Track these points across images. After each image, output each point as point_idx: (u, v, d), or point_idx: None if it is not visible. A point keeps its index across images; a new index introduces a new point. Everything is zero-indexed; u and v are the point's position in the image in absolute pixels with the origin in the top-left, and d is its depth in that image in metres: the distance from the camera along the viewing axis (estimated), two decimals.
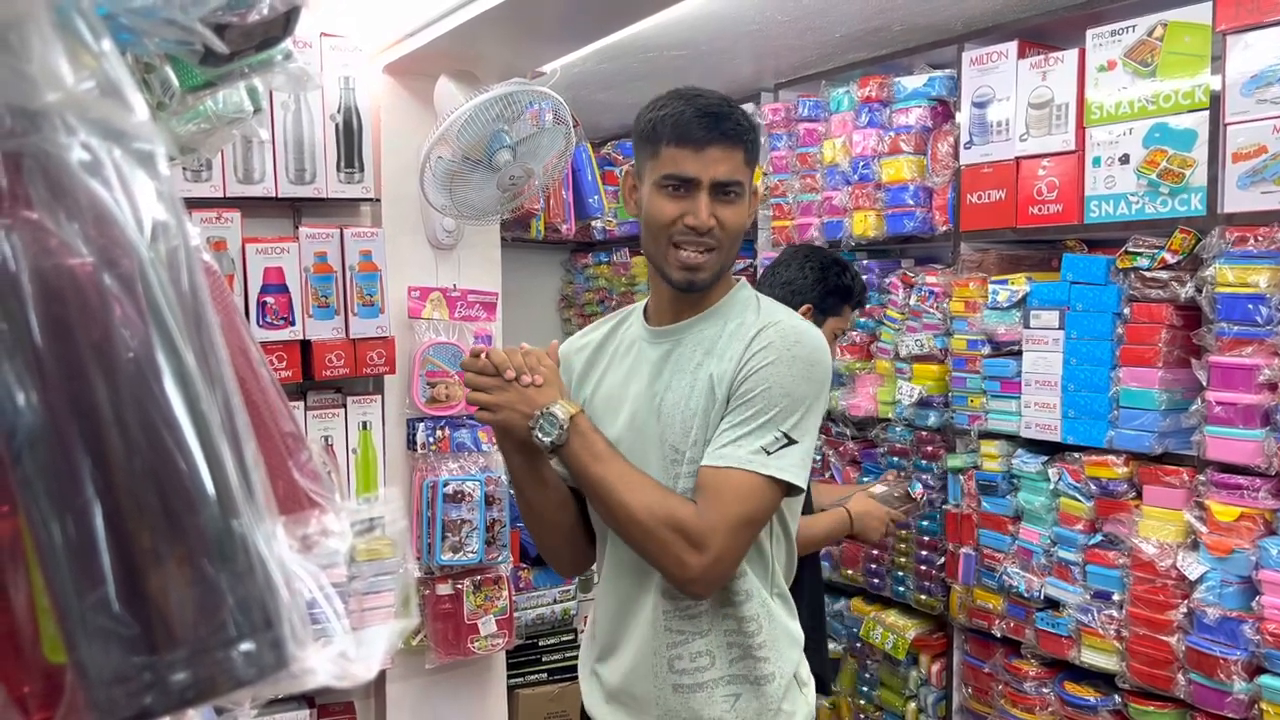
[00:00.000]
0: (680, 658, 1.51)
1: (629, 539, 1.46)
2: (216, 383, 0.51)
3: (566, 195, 3.55)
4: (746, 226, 1.52)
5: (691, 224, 1.44)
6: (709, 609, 1.49)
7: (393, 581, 0.62)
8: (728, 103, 1.47)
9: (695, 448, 1.46)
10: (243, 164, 2.46)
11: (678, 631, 1.51)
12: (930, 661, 3.05)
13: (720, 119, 1.43)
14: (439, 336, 2.68)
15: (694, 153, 1.43)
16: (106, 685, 0.44)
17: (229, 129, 0.95)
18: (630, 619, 1.54)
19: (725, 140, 1.43)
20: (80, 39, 0.49)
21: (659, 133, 1.45)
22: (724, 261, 1.50)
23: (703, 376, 1.48)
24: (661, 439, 1.49)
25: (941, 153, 2.95)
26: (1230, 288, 2.19)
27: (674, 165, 1.44)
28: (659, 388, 1.51)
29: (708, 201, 1.43)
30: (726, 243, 1.47)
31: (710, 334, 1.52)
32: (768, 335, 1.46)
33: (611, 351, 1.61)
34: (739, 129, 1.45)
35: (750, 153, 1.49)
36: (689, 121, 1.43)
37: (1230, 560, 2.20)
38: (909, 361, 3.02)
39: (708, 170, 1.43)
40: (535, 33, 2.42)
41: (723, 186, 1.44)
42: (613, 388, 1.57)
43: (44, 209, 0.46)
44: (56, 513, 0.45)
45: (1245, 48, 2.19)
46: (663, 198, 1.46)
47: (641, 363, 1.55)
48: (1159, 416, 2.36)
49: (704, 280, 1.48)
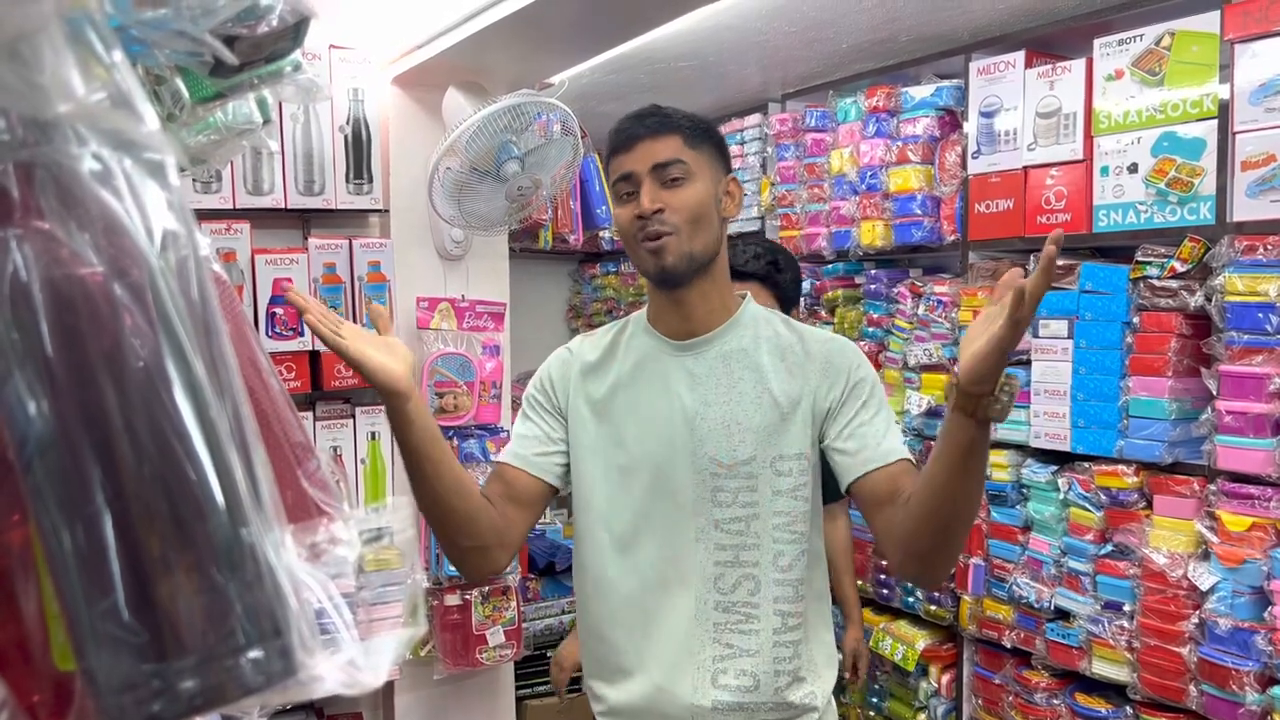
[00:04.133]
0: (725, 672, 1.47)
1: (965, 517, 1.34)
2: (225, 392, 0.51)
3: (574, 206, 3.56)
4: (707, 209, 1.49)
5: (637, 213, 1.47)
6: (764, 627, 1.47)
7: (401, 591, 0.62)
8: (657, 106, 1.53)
9: (750, 463, 1.47)
10: (252, 175, 2.47)
11: (727, 645, 1.48)
12: (940, 672, 3.03)
13: (644, 116, 1.50)
14: (447, 347, 2.68)
15: (628, 152, 1.49)
16: (116, 693, 0.44)
17: (238, 140, 0.95)
18: (659, 633, 1.50)
19: (652, 132, 1.48)
20: (92, 50, 0.50)
21: (606, 155, 1.55)
22: (689, 245, 1.47)
23: (749, 392, 1.49)
24: (695, 452, 1.48)
25: (949, 162, 2.95)
26: (1240, 296, 2.18)
27: (617, 170, 1.51)
28: (691, 402, 1.50)
29: (650, 188, 1.47)
30: (681, 223, 1.46)
31: (738, 346, 1.52)
32: (838, 345, 1.54)
33: (620, 361, 1.58)
34: (667, 120, 1.49)
35: (693, 136, 1.50)
36: (619, 129, 1.52)
37: (1242, 570, 2.19)
38: (917, 371, 3.02)
39: (642, 161, 1.48)
40: (543, 44, 2.43)
41: (661, 169, 1.47)
42: (635, 401, 1.54)
43: (55, 219, 0.46)
44: (67, 521, 0.45)
45: (1253, 57, 2.19)
46: (619, 206, 1.52)
47: (664, 376, 1.53)
48: (1169, 426, 2.35)
49: (673, 264, 1.46)
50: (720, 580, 1.48)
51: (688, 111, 1.53)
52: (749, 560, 1.48)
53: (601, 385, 1.57)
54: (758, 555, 1.47)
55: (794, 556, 1.48)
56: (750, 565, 1.48)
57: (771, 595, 1.47)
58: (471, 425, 2.71)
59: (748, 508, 1.47)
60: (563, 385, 1.60)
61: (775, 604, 1.48)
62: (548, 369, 1.63)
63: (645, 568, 1.50)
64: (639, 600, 1.51)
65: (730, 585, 1.48)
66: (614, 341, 1.61)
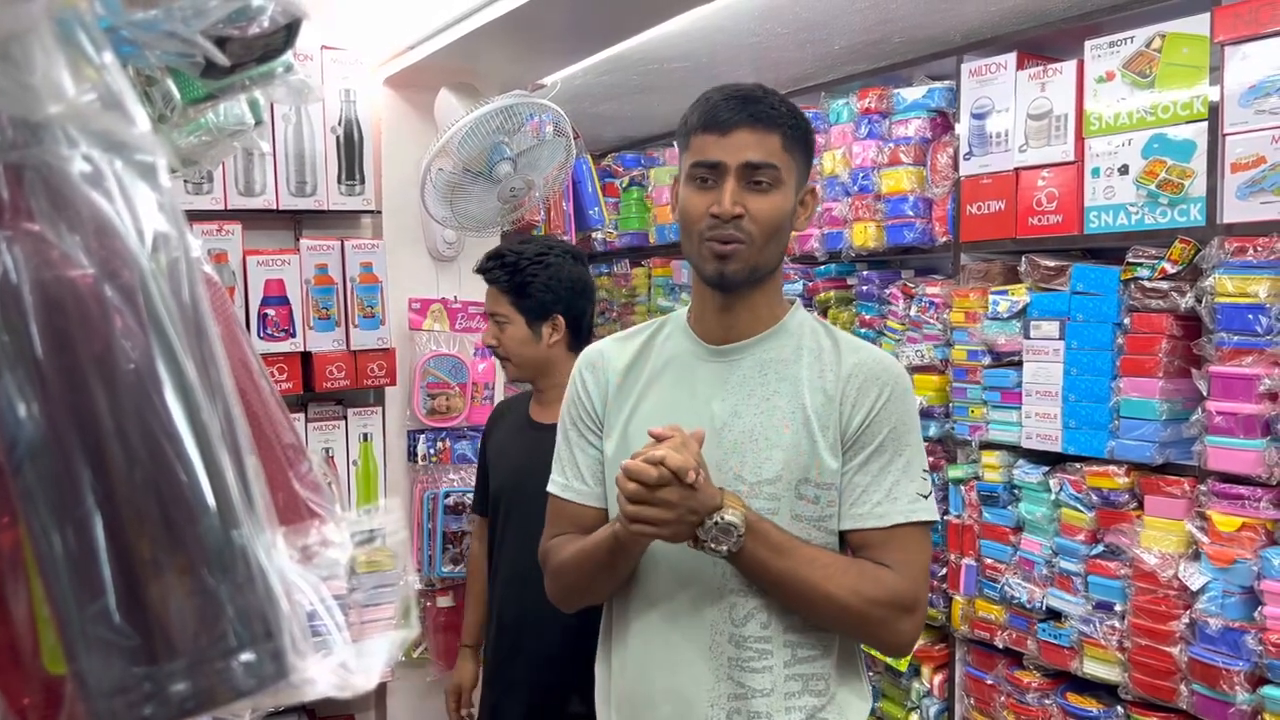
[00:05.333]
0: (739, 712, 1.38)
1: (831, 619, 1.36)
2: (217, 394, 0.51)
3: (567, 207, 3.55)
4: (785, 221, 1.40)
5: (715, 212, 1.34)
6: (776, 662, 1.38)
7: (393, 593, 0.62)
8: (763, 89, 1.40)
9: (775, 484, 1.37)
10: (244, 176, 2.47)
11: (740, 684, 1.38)
12: (932, 673, 3.04)
13: (749, 101, 1.36)
14: (440, 348, 2.68)
15: (720, 137, 1.35)
16: (107, 696, 0.44)
17: (230, 141, 0.95)
18: (677, 669, 1.40)
19: (754, 123, 1.35)
20: (82, 51, 0.50)
21: (690, 124, 1.40)
22: (758, 257, 1.37)
23: (783, 406, 1.39)
24: (720, 466, 1.36)
25: (941, 164, 2.96)
26: (1230, 298, 2.19)
27: (701, 152, 1.37)
28: (720, 411, 1.40)
29: (734, 188, 1.34)
30: (758, 235, 1.35)
31: (778, 356, 1.42)
32: (872, 369, 1.40)
33: (652, 364, 1.48)
34: (773, 112, 1.36)
35: (792, 138, 1.39)
36: (715, 105, 1.37)
37: (1232, 570, 2.20)
38: (910, 372, 3.02)
39: (734, 154, 1.34)
40: (535, 46, 2.43)
41: (753, 169, 1.34)
42: (659, 406, 1.44)
43: (45, 221, 0.46)
44: (57, 523, 0.45)
45: (1243, 59, 2.19)
46: (692, 190, 1.38)
47: (694, 381, 1.44)
48: (1160, 427, 2.36)
49: (735, 273, 1.36)
50: (734, 611, 1.38)
51: (790, 103, 1.41)
52: (760, 590, 1.38)
53: (632, 392, 1.48)
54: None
55: None
56: (762, 594, 1.38)
57: (783, 625, 1.38)
58: (464, 426, 2.71)
59: None
60: (600, 395, 1.50)
61: (786, 634, 1.39)
62: (582, 383, 1.52)
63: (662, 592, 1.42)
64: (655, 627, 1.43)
65: (743, 617, 1.38)
66: (648, 342, 1.51)
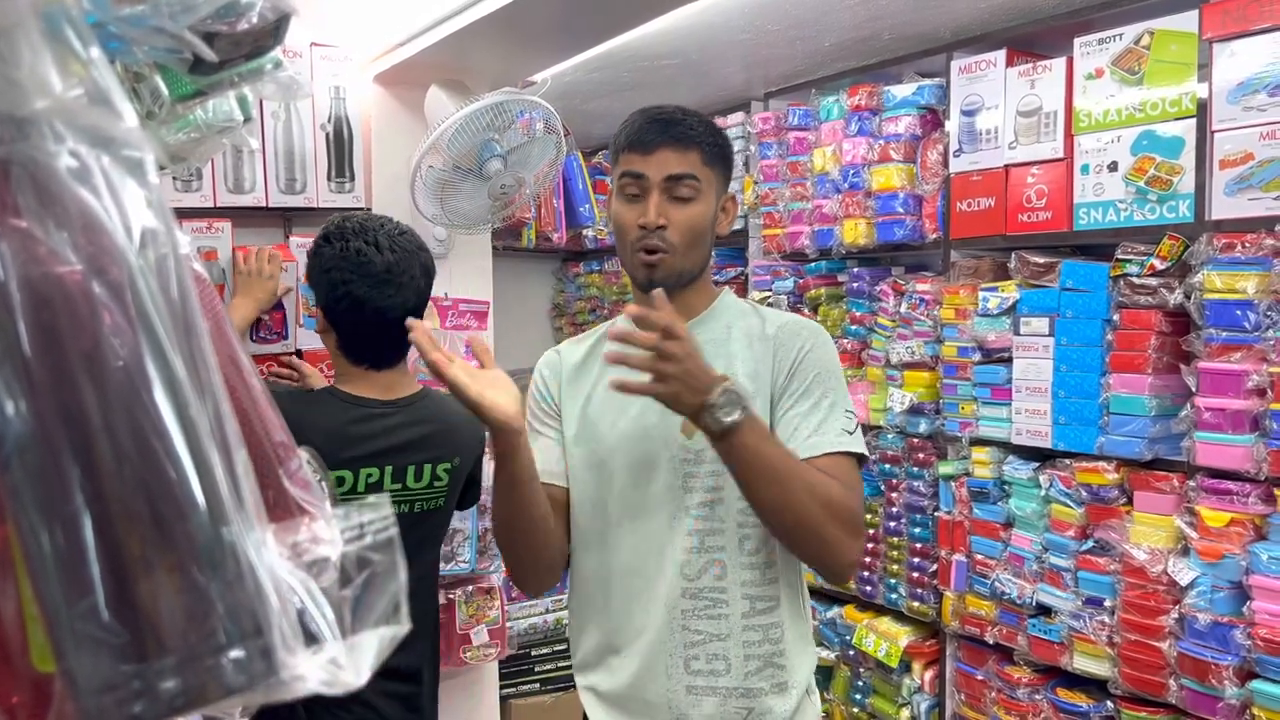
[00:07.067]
0: (696, 658, 1.49)
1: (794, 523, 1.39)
2: (206, 391, 0.51)
3: (558, 204, 3.55)
4: (707, 228, 1.53)
5: (642, 223, 1.48)
6: (733, 611, 1.49)
7: (383, 590, 0.62)
8: (683, 111, 1.53)
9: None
10: (233, 173, 2.46)
11: (695, 631, 1.49)
12: (923, 669, 3.05)
13: (670, 124, 1.50)
14: None
15: (644, 155, 1.50)
16: (96, 693, 0.44)
17: (219, 138, 0.95)
18: (637, 620, 1.52)
19: (675, 142, 1.49)
20: (69, 46, 0.49)
21: (618, 143, 1.55)
22: (682, 263, 1.51)
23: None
24: (668, 439, 1.50)
25: (931, 161, 2.96)
26: (1218, 294, 2.20)
27: (628, 165, 1.51)
28: None
29: (658, 200, 1.49)
30: (679, 243, 1.49)
31: (711, 337, 1.54)
32: (793, 327, 1.54)
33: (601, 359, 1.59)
34: (691, 132, 1.50)
35: (711, 154, 1.52)
36: (640, 128, 1.51)
37: (1221, 565, 2.21)
38: (900, 369, 3.03)
39: (657, 170, 1.49)
40: (526, 42, 2.43)
41: (675, 181, 1.48)
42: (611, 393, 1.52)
43: (32, 217, 0.46)
44: (45, 521, 0.45)
45: (1231, 56, 2.20)
46: (621, 202, 1.53)
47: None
48: (1149, 422, 2.37)
49: (663, 279, 1.49)
50: (687, 566, 1.49)
51: (709, 122, 1.54)
52: (715, 545, 1.49)
53: (587, 382, 1.60)
54: (723, 540, 1.49)
55: (760, 540, 1.50)
56: (716, 550, 1.49)
57: (739, 579, 1.49)
58: None
59: (713, 492, 1.49)
60: (555, 387, 1.63)
61: (743, 588, 1.49)
62: (541, 376, 1.66)
63: (625, 555, 1.53)
64: (619, 589, 1.54)
65: (696, 571, 1.49)
66: (598, 341, 1.63)
